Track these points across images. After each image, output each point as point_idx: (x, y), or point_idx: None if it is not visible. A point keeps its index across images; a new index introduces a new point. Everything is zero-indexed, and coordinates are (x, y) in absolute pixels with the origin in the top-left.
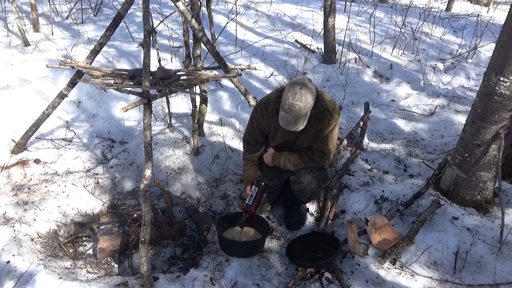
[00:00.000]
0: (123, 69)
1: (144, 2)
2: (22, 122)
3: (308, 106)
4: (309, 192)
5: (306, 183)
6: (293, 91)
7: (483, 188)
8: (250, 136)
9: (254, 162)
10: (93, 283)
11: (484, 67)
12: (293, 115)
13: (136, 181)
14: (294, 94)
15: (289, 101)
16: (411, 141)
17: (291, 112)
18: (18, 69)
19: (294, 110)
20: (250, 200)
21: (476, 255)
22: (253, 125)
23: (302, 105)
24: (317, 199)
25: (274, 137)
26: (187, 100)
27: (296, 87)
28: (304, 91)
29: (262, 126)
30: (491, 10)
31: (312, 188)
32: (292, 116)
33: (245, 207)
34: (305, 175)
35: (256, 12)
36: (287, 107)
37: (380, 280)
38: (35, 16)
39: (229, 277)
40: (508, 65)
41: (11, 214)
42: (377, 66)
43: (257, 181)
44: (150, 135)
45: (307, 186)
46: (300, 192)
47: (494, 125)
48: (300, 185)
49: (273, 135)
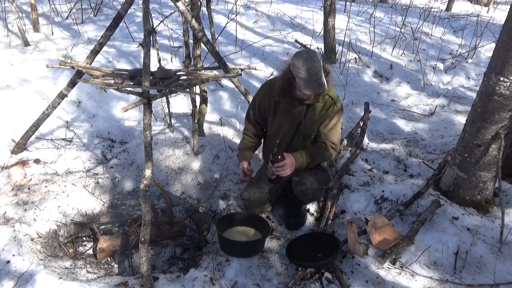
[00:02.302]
0: (123, 69)
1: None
2: (22, 122)
3: (321, 64)
4: (311, 194)
5: (309, 185)
6: (302, 57)
7: (483, 188)
8: (251, 112)
9: (251, 139)
10: (93, 283)
11: (484, 67)
12: (315, 77)
13: (136, 181)
14: (305, 59)
15: (306, 66)
16: (411, 141)
17: (312, 75)
18: (18, 69)
19: (314, 71)
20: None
21: (476, 255)
22: (255, 102)
23: (318, 65)
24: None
25: (273, 121)
26: (187, 100)
27: (303, 54)
28: (312, 54)
29: (263, 104)
30: (491, 10)
31: (314, 189)
32: (314, 79)
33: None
34: (308, 177)
35: (256, 12)
36: (305, 73)
37: (380, 280)
38: (35, 16)
39: (229, 277)
40: (508, 65)
41: (11, 214)
42: (377, 66)
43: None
44: (150, 135)
45: (310, 187)
46: (302, 194)
47: (494, 125)
48: (303, 186)
49: (272, 118)
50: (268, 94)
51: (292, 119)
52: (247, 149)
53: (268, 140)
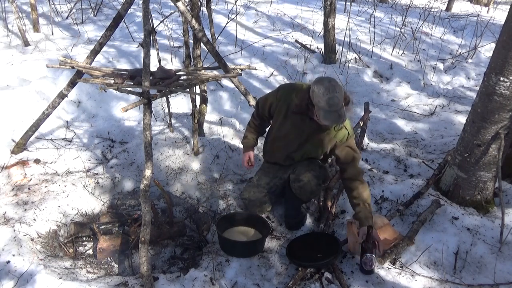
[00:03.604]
0: (123, 69)
1: (144, 2)
2: (22, 122)
3: (342, 95)
4: (309, 191)
5: (306, 181)
6: (324, 86)
7: (483, 188)
8: (261, 103)
9: (256, 130)
10: (93, 283)
11: (484, 67)
12: (336, 107)
13: (136, 181)
14: (327, 88)
15: (327, 96)
16: (411, 141)
17: (332, 106)
18: (18, 69)
19: (334, 102)
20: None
21: (476, 255)
22: (268, 98)
23: (339, 95)
24: (317, 199)
25: (281, 126)
26: (187, 100)
27: (324, 82)
28: (334, 82)
29: (274, 105)
30: (491, 10)
31: (312, 186)
32: (335, 110)
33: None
34: (305, 173)
35: (256, 12)
36: (325, 104)
37: (380, 280)
38: (35, 16)
39: (229, 277)
40: (508, 65)
41: (11, 214)
42: (377, 66)
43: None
44: (150, 135)
45: (307, 184)
46: (300, 191)
47: (494, 125)
48: (300, 183)
49: (282, 122)
50: (283, 101)
51: (300, 134)
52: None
53: (271, 141)
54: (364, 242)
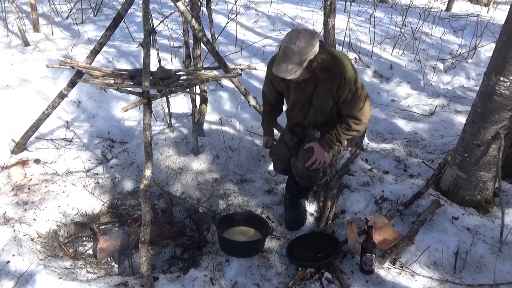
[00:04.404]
0: (123, 69)
1: (144, 2)
2: (22, 122)
3: (302, 52)
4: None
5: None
6: (290, 34)
7: (483, 188)
8: (266, 88)
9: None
10: (93, 283)
11: (484, 67)
12: (285, 60)
13: (136, 181)
14: (291, 37)
15: (284, 44)
16: (411, 141)
17: (284, 56)
18: (18, 69)
19: (287, 53)
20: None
21: (476, 255)
22: (267, 78)
23: (296, 49)
24: (317, 199)
25: (288, 96)
26: (187, 100)
27: (294, 31)
28: (301, 35)
29: (274, 81)
30: (491, 10)
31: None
32: (284, 61)
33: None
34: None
35: (256, 12)
36: (280, 51)
37: (380, 280)
38: (35, 16)
39: (229, 277)
40: (508, 65)
41: (11, 214)
42: (377, 66)
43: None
44: (150, 135)
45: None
46: (300, 174)
47: (494, 125)
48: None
49: (286, 93)
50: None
51: (304, 93)
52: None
53: (288, 109)
54: (364, 242)
